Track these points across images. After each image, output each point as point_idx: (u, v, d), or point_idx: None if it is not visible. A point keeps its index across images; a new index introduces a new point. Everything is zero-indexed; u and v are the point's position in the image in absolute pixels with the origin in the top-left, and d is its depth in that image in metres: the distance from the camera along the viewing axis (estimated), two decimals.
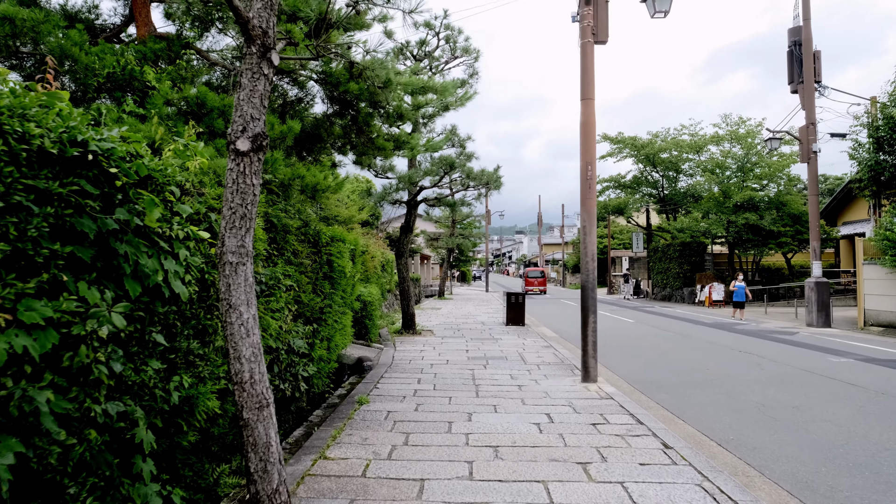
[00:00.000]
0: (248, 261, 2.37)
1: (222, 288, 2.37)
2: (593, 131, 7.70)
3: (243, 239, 2.33)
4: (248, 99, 2.28)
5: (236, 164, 2.28)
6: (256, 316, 2.42)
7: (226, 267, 2.34)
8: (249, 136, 2.28)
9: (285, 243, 5.23)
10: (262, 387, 2.40)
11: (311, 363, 6.02)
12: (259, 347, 2.43)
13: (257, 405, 2.37)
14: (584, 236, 7.65)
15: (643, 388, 7.87)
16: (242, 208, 2.29)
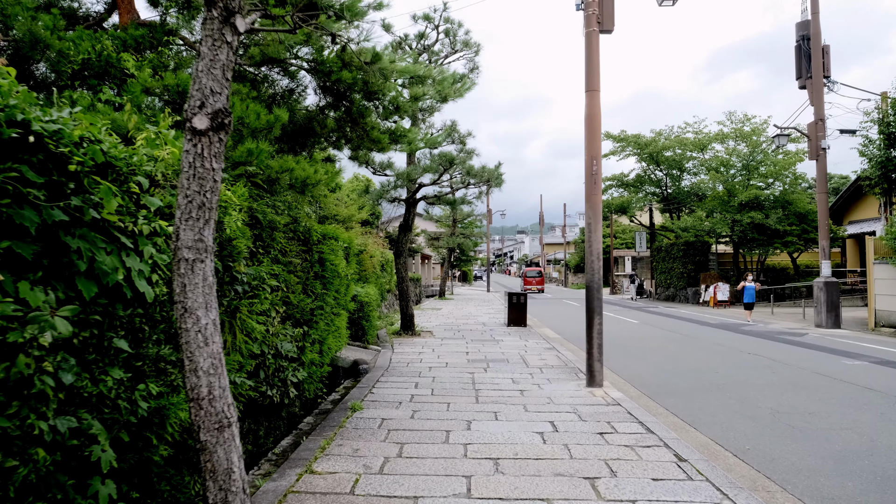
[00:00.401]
0: (207, 257, 2.05)
1: (176, 289, 2.05)
2: (599, 124, 7.37)
3: (201, 232, 2.01)
4: (208, 70, 1.96)
5: (193, 144, 1.96)
6: (217, 321, 2.10)
7: (181, 264, 2.01)
8: (208, 112, 1.95)
9: (272, 241, 4.91)
10: (223, 404, 2.08)
11: (301, 367, 5.70)
12: (220, 358, 2.11)
13: (216, 425, 2.04)
14: (589, 234, 7.32)
15: (651, 392, 7.53)
16: (201, 196, 1.97)
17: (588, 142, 7.37)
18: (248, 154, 4.60)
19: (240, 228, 4.11)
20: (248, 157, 4.61)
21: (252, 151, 4.59)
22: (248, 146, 4.59)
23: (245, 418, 5.45)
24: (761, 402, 6.98)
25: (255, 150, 4.58)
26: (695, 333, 14.58)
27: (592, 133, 7.34)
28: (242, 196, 4.32)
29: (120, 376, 2.95)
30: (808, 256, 32.90)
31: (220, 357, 2.10)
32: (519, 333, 13.24)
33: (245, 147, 4.58)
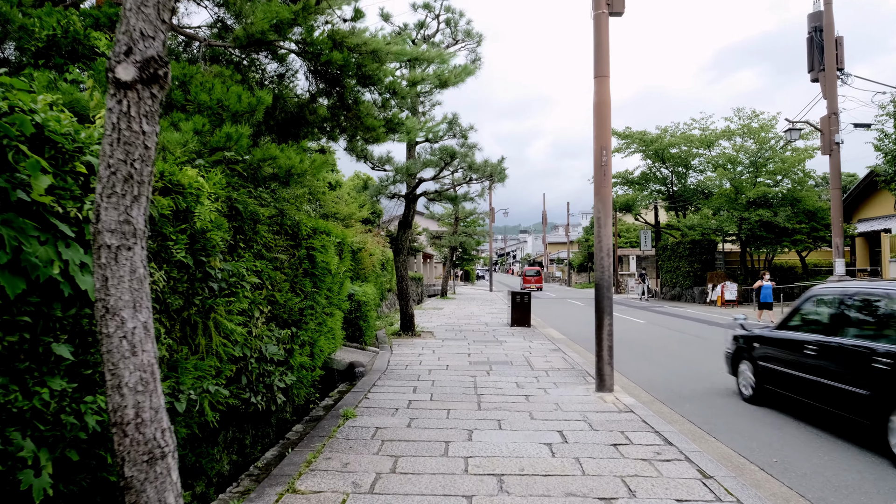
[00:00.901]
0: (136, 244, 1.63)
1: (97, 283, 1.62)
2: (608, 112, 6.92)
3: (128, 211, 1.59)
4: (138, 8, 1.54)
5: (118, 101, 1.54)
6: (150, 325, 1.68)
7: (101, 252, 1.59)
8: (137, 60, 1.53)
9: (255, 234, 4.48)
10: (156, 429, 1.65)
11: (289, 372, 5.27)
12: (152, 371, 1.68)
13: (146, 457, 1.62)
14: (598, 229, 6.88)
15: (665, 397, 7.09)
16: (127, 167, 1.55)
17: (597, 130, 6.93)
18: (227, 139, 4.17)
19: (215, 219, 3.68)
20: (227, 143, 4.18)
21: (231, 136, 4.16)
22: (227, 130, 4.17)
23: (228, 426, 5.03)
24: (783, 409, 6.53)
25: (234, 134, 4.16)
26: (704, 334, 14.11)
27: (602, 121, 6.89)
28: (219, 184, 3.90)
29: (61, 387, 2.53)
30: (817, 255, 32.36)
31: (152, 370, 1.67)
32: (523, 334, 12.80)
33: (223, 131, 4.16)
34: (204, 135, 4.20)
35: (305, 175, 4.61)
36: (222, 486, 4.55)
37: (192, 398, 3.54)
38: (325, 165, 4.61)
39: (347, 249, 6.97)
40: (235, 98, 4.48)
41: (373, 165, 11.94)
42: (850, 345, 5.24)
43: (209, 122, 4.33)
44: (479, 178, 11.80)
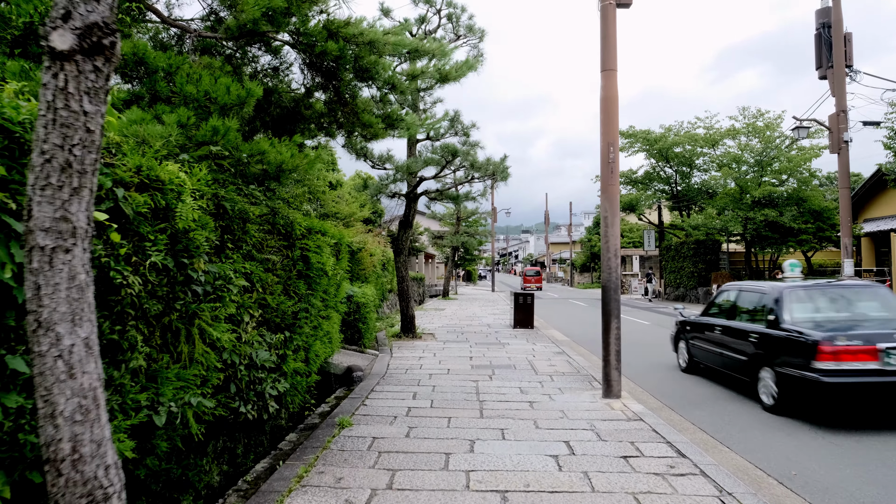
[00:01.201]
0: (76, 245, 1.38)
1: (27, 292, 1.37)
2: (616, 107, 6.66)
3: (66, 207, 1.34)
4: None
5: (53, 74, 1.29)
6: (93, 341, 1.43)
7: (33, 255, 1.34)
8: (77, 26, 1.29)
9: (244, 234, 4.23)
10: (98, 466, 1.40)
11: (282, 378, 5.02)
12: (95, 396, 1.43)
13: (85, 500, 1.36)
14: (605, 228, 6.62)
15: (674, 403, 6.82)
16: (65, 153, 1.30)
17: (604, 126, 6.67)
18: (213, 133, 3.93)
19: (198, 218, 3.44)
20: (214, 137, 3.94)
21: (217, 129, 3.91)
22: (213, 123, 3.92)
23: (218, 435, 4.79)
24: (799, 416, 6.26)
25: (220, 127, 3.91)
26: None
27: (609, 117, 6.63)
28: (204, 180, 3.65)
29: (18, 403, 2.28)
30: (823, 255, 32.04)
31: (94, 395, 1.42)
32: (526, 336, 12.54)
33: (210, 125, 3.91)
34: (189, 128, 3.96)
35: (297, 171, 4.36)
36: (212, 499, 4.31)
37: (173, 410, 3.30)
38: (319, 161, 4.36)
39: (345, 250, 6.72)
40: (224, 90, 4.24)
41: (373, 164, 11.69)
42: (738, 326, 7.27)
43: (195, 115, 4.09)
44: (482, 176, 11.54)
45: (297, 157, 4.25)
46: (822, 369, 5.53)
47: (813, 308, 6.64)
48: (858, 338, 5.62)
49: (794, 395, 5.97)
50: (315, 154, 4.32)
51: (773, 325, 6.50)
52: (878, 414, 6.07)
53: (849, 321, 6.33)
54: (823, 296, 6.91)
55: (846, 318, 6.45)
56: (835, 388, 5.44)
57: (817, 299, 6.81)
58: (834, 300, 6.83)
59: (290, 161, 4.23)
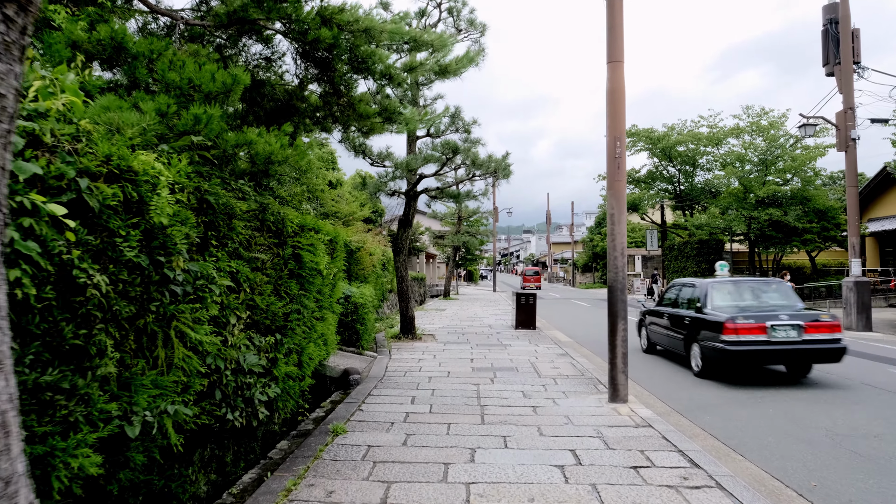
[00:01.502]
0: None
1: None
2: (622, 100, 6.41)
3: None
4: None
5: None
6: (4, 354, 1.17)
7: None
8: None
9: (230, 231, 3.98)
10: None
11: (273, 383, 4.77)
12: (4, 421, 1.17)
13: None
14: (611, 226, 6.36)
15: (682, 408, 6.56)
16: None
17: (610, 120, 6.41)
18: (195, 121, 3.67)
19: (177, 213, 3.19)
20: (196, 126, 3.68)
21: (199, 118, 3.66)
22: (195, 111, 3.66)
23: (206, 443, 4.55)
24: (812, 419, 6.00)
25: (203, 116, 3.66)
26: None
27: (615, 110, 6.37)
28: (184, 172, 3.40)
29: None
30: (827, 255, 31.74)
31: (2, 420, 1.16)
32: (528, 337, 12.28)
33: (191, 112, 3.66)
34: (170, 117, 3.71)
35: (287, 163, 4.10)
36: None
37: (149, 420, 3.05)
38: (307, 153, 4.10)
39: (341, 248, 6.47)
40: (208, 77, 3.98)
41: (372, 161, 11.44)
42: (678, 313, 9.08)
43: (177, 103, 3.83)
44: (483, 174, 11.27)
45: (286, 148, 3.99)
46: (726, 340, 7.55)
47: (729, 298, 8.46)
48: (753, 318, 7.65)
49: (711, 362, 7.97)
50: (306, 145, 4.06)
51: (699, 310, 8.43)
52: (764, 372, 8.73)
53: (752, 307, 8.26)
54: (738, 288, 8.76)
55: (750, 305, 8.35)
56: (735, 353, 7.50)
57: (733, 291, 8.63)
58: (745, 292, 8.71)
59: (280, 152, 3.97)
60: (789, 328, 7.63)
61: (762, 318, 7.64)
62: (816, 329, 7.72)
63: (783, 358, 7.73)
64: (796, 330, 7.62)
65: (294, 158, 4.07)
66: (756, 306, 8.33)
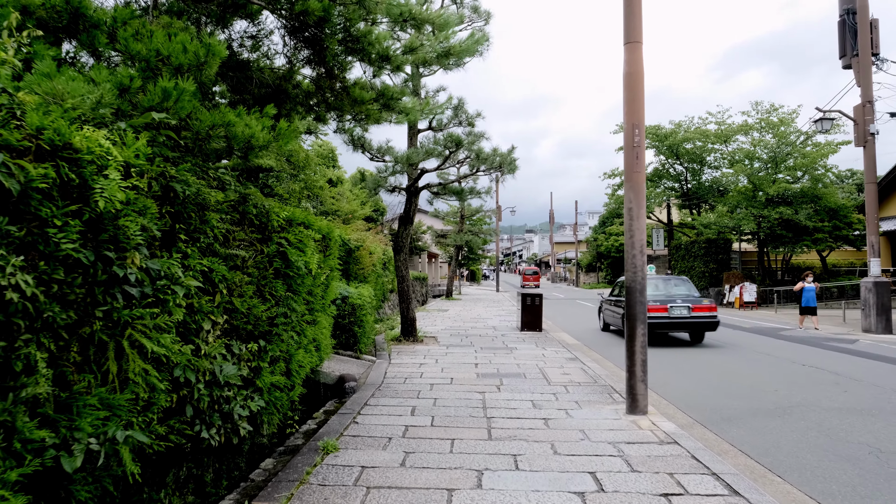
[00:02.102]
0: None
1: None
2: (641, 84, 5.88)
3: None
4: None
5: None
6: None
7: None
8: None
9: (203, 224, 3.48)
10: None
11: (256, 395, 4.27)
12: None
13: None
14: (629, 221, 5.84)
15: (705, 419, 6.05)
16: None
17: (628, 106, 5.88)
18: (164, 97, 3.17)
19: (132, 201, 2.69)
20: (164, 102, 3.18)
21: (168, 93, 3.16)
22: (164, 85, 3.16)
23: (181, 463, 4.06)
24: (851, 434, 5.48)
25: (172, 90, 3.15)
26: (731, 340, 13.03)
27: (634, 94, 5.85)
28: (143, 154, 2.90)
29: None
30: (836, 255, 31.14)
31: None
32: (534, 339, 11.76)
33: (159, 87, 3.16)
34: (133, 93, 3.20)
35: (269, 148, 3.60)
36: None
37: (94, 448, 2.54)
38: (293, 137, 3.59)
39: (335, 245, 5.96)
40: (179, 48, 3.48)
41: (371, 156, 10.93)
42: (618, 300, 12.24)
43: (142, 77, 3.33)
44: (487, 169, 10.75)
45: (267, 132, 3.48)
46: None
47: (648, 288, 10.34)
48: (659, 301, 11.56)
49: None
50: (291, 126, 3.55)
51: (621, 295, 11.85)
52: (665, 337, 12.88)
53: (660, 295, 11.97)
54: (656, 282, 12.65)
55: (660, 294, 12.06)
56: (652, 325, 11.00)
57: (651, 284, 11.90)
58: (660, 285, 12.57)
59: (261, 135, 3.46)
60: (682, 308, 11.68)
61: (665, 302, 11.75)
62: (699, 309, 11.74)
63: (679, 327, 11.87)
64: (686, 309, 11.68)
65: (278, 143, 3.57)
66: (664, 294, 12.14)
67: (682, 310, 11.64)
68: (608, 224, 52.97)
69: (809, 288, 15.01)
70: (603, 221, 55.30)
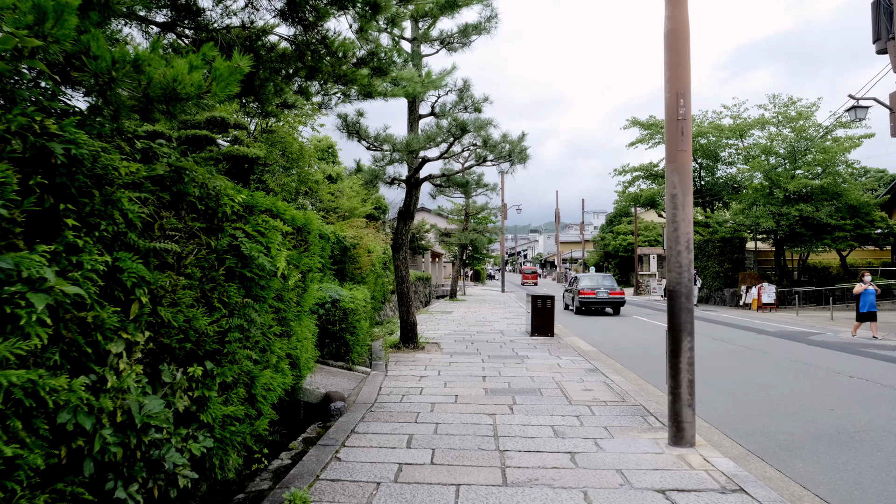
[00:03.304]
0: None
1: None
2: (687, 44, 4.85)
3: None
4: None
5: None
6: None
7: None
8: None
9: (106, 205, 2.47)
10: None
11: (203, 433, 3.26)
12: None
13: None
14: (672, 211, 4.80)
15: (760, 448, 5.02)
16: None
17: (671, 70, 4.85)
18: (38, 17, 2.16)
19: None
20: (38, 25, 2.17)
21: (44, 10, 2.15)
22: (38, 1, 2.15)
23: None
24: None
25: (49, 6, 2.14)
26: (758, 345, 11.96)
27: (678, 57, 4.82)
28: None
29: None
30: (858, 254, 29.95)
31: None
32: (546, 346, 10.72)
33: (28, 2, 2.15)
34: None
35: (203, 100, 2.58)
36: None
37: None
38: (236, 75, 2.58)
39: (315, 239, 4.94)
40: None
41: (368, 144, 9.93)
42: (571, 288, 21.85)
43: None
44: (496, 158, 9.72)
45: (196, 74, 2.47)
46: (580, 298, 19.69)
47: (586, 281, 20.41)
48: (590, 288, 19.85)
49: (577, 307, 19.97)
50: (230, 65, 2.54)
51: (575, 285, 20.88)
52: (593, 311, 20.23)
53: (592, 285, 19.97)
54: (592, 277, 20.87)
55: (593, 284, 20.05)
56: (584, 302, 19.61)
57: (588, 278, 20.79)
58: (593, 279, 20.60)
59: (190, 79, 2.45)
60: (604, 292, 19.56)
61: (594, 289, 19.75)
62: (614, 293, 19.57)
63: (603, 304, 19.64)
64: (606, 292, 19.55)
65: (214, 91, 2.55)
66: (595, 284, 20.04)
67: (605, 293, 19.71)
68: (616, 223, 51.85)
69: (870, 291, 13.34)
70: (610, 220, 54.19)
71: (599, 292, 19.51)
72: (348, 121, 9.09)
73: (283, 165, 13.90)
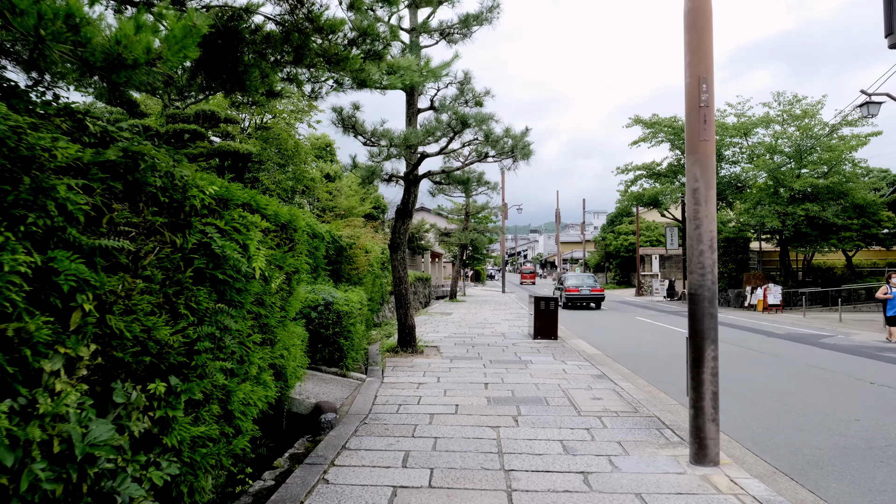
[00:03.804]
0: None
1: None
2: (710, 23, 4.43)
3: None
4: None
5: None
6: None
7: None
8: None
9: (35, 194, 2.05)
10: None
11: (166, 458, 2.84)
12: None
13: None
14: (694, 207, 4.38)
15: (788, 465, 4.60)
16: None
17: (691, 53, 4.43)
18: None
19: None
20: None
21: None
22: None
23: None
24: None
25: None
26: (768, 349, 11.55)
27: (699, 37, 4.40)
28: None
29: None
30: (864, 255, 29.55)
31: None
32: (550, 350, 10.30)
33: None
34: None
35: (155, 67, 2.16)
36: None
37: None
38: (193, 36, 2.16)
39: (303, 237, 4.52)
40: None
41: (365, 140, 9.51)
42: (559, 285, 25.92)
43: None
44: (498, 154, 9.31)
45: (145, 34, 2.04)
46: (566, 294, 23.68)
47: (572, 279, 24.64)
48: (575, 287, 23.93)
49: (564, 302, 23.30)
50: (183, 23, 2.12)
51: (563, 283, 24.65)
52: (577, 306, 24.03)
53: (576, 283, 24.14)
54: (576, 276, 25.28)
55: (577, 282, 24.17)
56: (570, 297, 23.65)
57: (573, 277, 25.08)
58: (578, 277, 24.85)
59: (137, 41, 2.03)
60: (586, 289, 23.70)
61: (578, 286, 23.83)
62: (595, 290, 23.78)
63: (586, 300, 23.68)
64: (589, 290, 23.69)
65: (169, 56, 2.13)
66: (579, 283, 23.98)
67: (587, 290, 23.53)
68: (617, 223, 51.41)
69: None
70: (612, 220, 53.77)
71: (583, 289, 23.64)
72: (343, 115, 8.67)
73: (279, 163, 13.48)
